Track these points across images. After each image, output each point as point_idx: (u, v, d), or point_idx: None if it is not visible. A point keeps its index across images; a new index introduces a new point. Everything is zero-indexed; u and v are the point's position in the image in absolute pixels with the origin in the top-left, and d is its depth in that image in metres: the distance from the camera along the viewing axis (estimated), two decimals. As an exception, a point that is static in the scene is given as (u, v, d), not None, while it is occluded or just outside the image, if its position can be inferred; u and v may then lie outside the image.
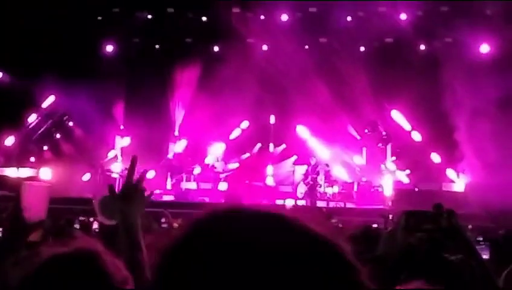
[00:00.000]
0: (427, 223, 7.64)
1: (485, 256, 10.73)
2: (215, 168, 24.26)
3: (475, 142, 20.54)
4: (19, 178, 23.59)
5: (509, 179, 18.58)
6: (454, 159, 22.49)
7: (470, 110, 20.95)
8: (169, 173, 24.81)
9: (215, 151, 25.32)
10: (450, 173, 23.08)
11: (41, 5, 24.09)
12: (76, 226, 11.80)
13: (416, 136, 24.21)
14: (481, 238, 11.67)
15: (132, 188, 3.02)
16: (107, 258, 2.25)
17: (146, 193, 3.05)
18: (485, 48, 23.14)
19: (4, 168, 24.24)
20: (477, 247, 9.75)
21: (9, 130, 25.15)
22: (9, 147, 25.18)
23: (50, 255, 2.23)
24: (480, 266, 5.94)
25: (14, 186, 20.50)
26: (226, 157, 25.13)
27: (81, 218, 13.32)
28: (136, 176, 3.04)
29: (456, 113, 21.62)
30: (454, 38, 23.37)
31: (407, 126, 24.48)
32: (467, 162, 21.48)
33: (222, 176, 24.17)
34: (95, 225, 10.27)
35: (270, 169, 25.21)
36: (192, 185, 24.46)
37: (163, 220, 14.79)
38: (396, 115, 24.60)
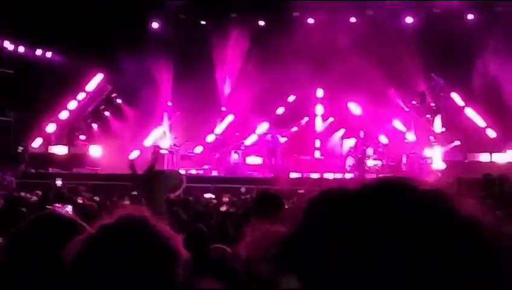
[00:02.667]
0: (479, 189, 7.62)
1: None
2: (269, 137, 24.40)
3: None
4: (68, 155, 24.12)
5: None
6: (506, 130, 22.36)
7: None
8: (215, 149, 25.06)
9: (260, 129, 25.57)
10: (500, 144, 22.95)
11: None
12: (127, 202, 11.98)
13: (467, 109, 24.13)
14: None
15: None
16: (154, 223, 2.24)
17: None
18: None
19: (53, 146, 24.78)
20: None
21: (60, 108, 25.63)
22: (60, 124, 25.63)
23: (97, 227, 2.28)
24: None
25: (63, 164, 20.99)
26: (274, 132, 25.18)
27: (133, 193, 13.56)
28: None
29: (505, 82, 21.51)
30: (504, 7, 23.08)
31: (455, 98, 24.37)
32: None
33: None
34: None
35: (317, 142, 25.32)
36: (240, 160, 24.71)
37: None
38: (442, 84, 24.53)
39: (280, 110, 26.17)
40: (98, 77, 26.62)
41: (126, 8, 24.63)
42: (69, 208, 9.29)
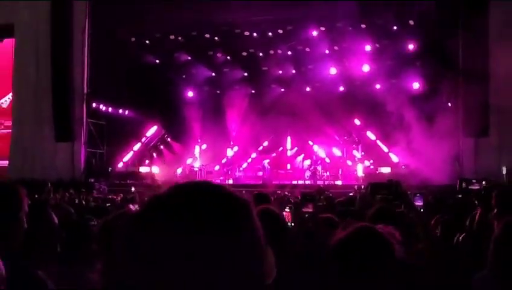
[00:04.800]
0: (383, 189, 8.00)
1: (420, 203, 11.04)
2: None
3: (411, 144, 20.77)
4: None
5: (430, 163, 18.88)
6: (399, 153, 22.69)
7: (407, 124, 21.19)
8: (227, 167, 25.33)
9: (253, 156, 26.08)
10: (397, 160, 23.36)
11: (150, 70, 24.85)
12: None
13: (378, 142, 24.57)
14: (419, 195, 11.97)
15: None
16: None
17: None
18: (416, 85, 23.18)
19: (130, 167, 25.05)
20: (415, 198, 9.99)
21: (133, 144, 26.10)
22: (134, 154, 26.11)
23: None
24: (417, 215, 6.36)
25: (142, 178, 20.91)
26: (262, 157, 25.56)
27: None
28: None
29: (398, 124, 21.80)
30: (397, 80, 23.47)
31: (371, 135, 24.79)
32: (408, 157, 21.54)
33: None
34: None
35: (288, 165, 25.74)
36: (241, 174, 25.03)
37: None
38: (362, 126, 24.93)
39: (265, 143, 26.48)
40: (154, 128, 26.99)
41: (173, 83, 25.21)
42: (137, 207, 9.39)
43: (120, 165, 25.01)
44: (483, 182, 17.37)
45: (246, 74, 25.87)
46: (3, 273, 1.93)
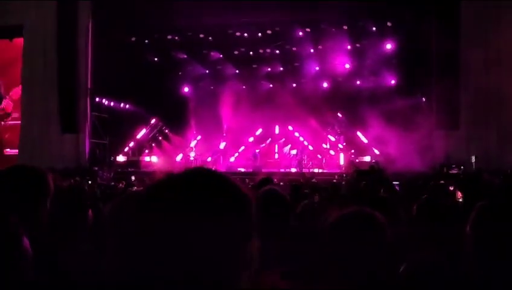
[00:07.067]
0: (368, 176, 8.10)
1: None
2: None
3: (386, 136, 20.70)
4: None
5: (406, 153, 18.89)
6: (377, 144, 22.65)
7: (384, 117, 21.09)
8: (221, 157, 25.23)
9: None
10: (376, 151, 23.30)
11: (150, 68, 24.67)
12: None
13: (358, 133, 24.46)
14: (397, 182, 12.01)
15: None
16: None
17: None
18: (393, 81, 23.27)
19: (131, 157, 24.89)
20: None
21: (134, 136, 25.84)
22: (134, 144, 25.83)
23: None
24: (398, 198, 6.38)
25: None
26: (253, 147, 25.44)
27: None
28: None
29: (376, 117, 21.55)
30: (376, 77, 23.48)
31: (352, 127, 24.69)
32: (385, 147, 21.47)
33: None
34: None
35: (276, 154, 25.61)
36: (233, 162, 24.99)
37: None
38: (343, 119, 24.85)
39: (257, 132, 26.29)
40: (155, 119, 26.76)
41: (171, 79, 25.05)
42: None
43: (121, 155, 24.71)
44: (462, 167, 17.59)
45: (237, 71, 25.73)
46: (29, 252, 1.85)
